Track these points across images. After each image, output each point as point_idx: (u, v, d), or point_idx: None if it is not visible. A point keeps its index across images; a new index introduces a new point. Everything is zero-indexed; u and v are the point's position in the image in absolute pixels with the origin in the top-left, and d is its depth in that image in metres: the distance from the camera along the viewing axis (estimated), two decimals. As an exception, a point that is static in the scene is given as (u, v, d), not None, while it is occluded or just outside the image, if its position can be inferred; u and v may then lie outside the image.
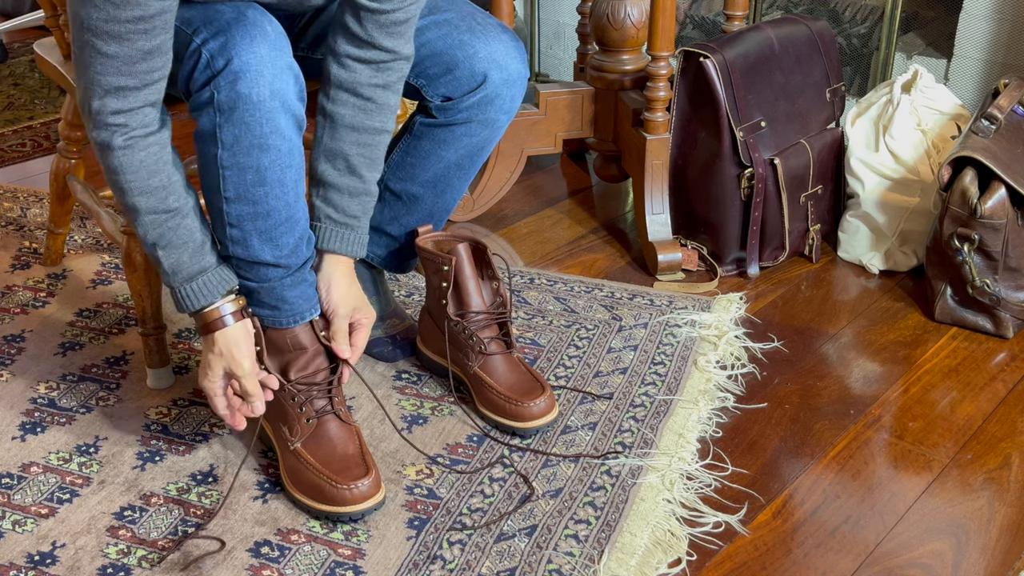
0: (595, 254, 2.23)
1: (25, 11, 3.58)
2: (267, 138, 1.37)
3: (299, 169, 1.44)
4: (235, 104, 1.34)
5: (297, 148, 1.42)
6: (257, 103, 1.35)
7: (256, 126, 1.36)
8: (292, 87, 1.38)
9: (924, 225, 2.09)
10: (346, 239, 1.55)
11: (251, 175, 1.39)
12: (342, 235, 1.54)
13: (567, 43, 3.14)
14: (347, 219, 1.54)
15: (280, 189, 1.42)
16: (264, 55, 1.35)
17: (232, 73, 1.34)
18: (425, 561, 1.39)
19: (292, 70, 1.39)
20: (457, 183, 1.74)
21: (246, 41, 1.34)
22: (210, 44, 1.35)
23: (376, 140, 1.52)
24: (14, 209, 2.36)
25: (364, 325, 1.56)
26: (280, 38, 1.38)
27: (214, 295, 1.43)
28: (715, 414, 1.70)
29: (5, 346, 1.85)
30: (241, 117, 1.35)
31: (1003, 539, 1.46)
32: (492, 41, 1.61)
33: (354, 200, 1.54)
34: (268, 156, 1.39)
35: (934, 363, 1.86)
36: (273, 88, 1.35)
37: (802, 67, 2.16)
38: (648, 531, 1.44)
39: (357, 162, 1.52)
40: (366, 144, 1.52)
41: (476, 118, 1.65)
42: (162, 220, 1.39)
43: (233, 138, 1.37)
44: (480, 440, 1.62)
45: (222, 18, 1.37)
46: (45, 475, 1.55)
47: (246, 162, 1.38)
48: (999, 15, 2.43)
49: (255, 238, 1.43)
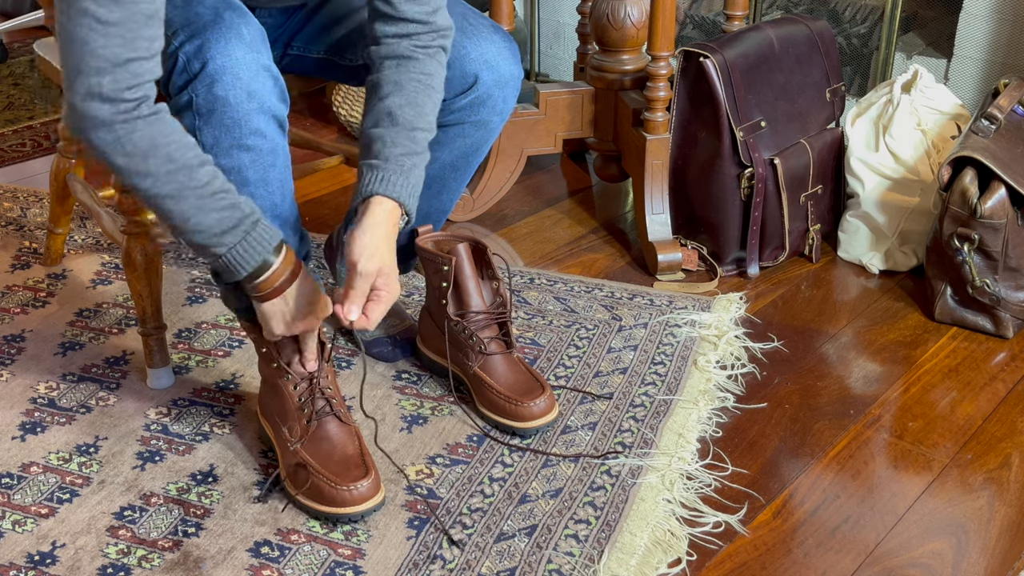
0: (595, 254, 2.23)
1: (25, 11, 3.58)
2: (246, 139, 1.37)
3: (283, 169, 1.44)
4: (213, 107, 1.34)
5: (280, 148, 1.42)
6: (235, 105, 1.35)
7: (235, 128, 1.36)
8: (271, 88, 1.38)
9: (924, 225, 2.09)
10: (386, 180, 1.41)
11: (233, 176, 1.39)
12: (380, 176, 1.41)
13: (567, 43, 3.14)
14: (386, 163, 1.41)
15: (264, 188, 1.42)
16: (239, 57, 1.34)
17: (208, 76, 1.33)
18: (425, 561, 1.39)
19: (270, 72, 1.38)
20: (453, 184, 1.74)
21: (221, 44, 1.33)
22: (186, 47, 1.34)
23: (418, 89, 1.44)
24: (14, 209, 2.36)
25: (383, 299, 1.41)
26: (257, 39, 1.37)
27: (276, 236, 1.36)
28: (715, 414, 1.70)
29: (5, 346, 1.85)
30: (220, 120, 1.35)
31: (1003, 539, 1.46)
32: (483, 42, 1.60)
33: (395, 145, 1.42)
34: (249, 156, 1.39)
35: (934, 363, 1.86)
36: (250, 90, 1.35)
37: (802, 67, 2.16)
38: (648, 531, 1.44)
39: (399, 112, 1.43)
40: (410, 92, 1.44)
41: (468, 119, 1.65)
42: (214, 170, 1.30)
43: (213, 140, 1.36)
44: (480, 440, 1.62)
45: (200, 20, 1.35)
46: (45, 475, 1.55)
47: (227, 164, 1.38)
48: (999, 15, 2.43)
49: None
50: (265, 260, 1.35)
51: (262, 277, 1.36)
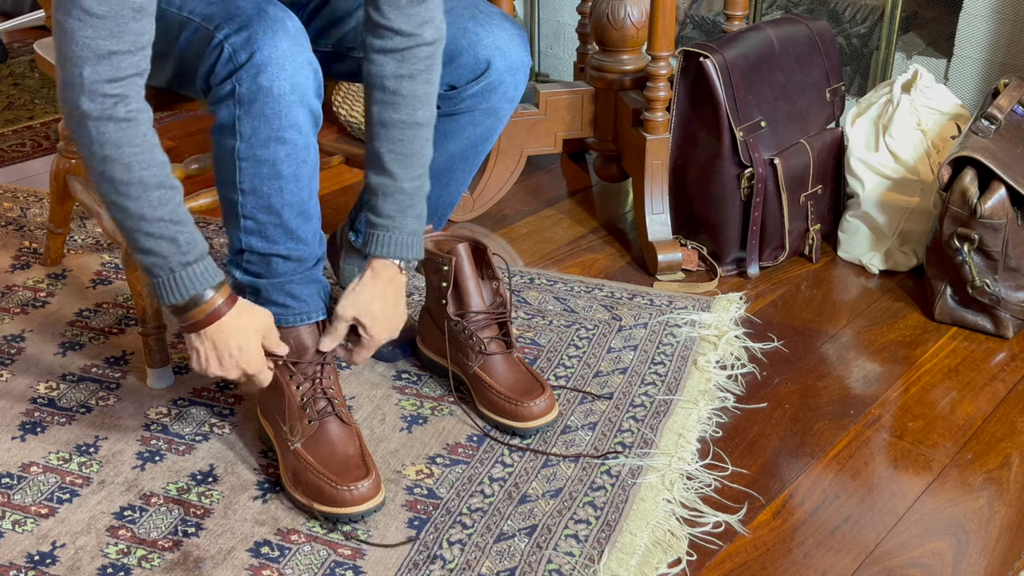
0: (595, 254, 2.23)
1: (25, 11, 3.58)
2: (284, 131, 1.38)
3: (313, 166, 1.45)
4: (255, 96, 1.36)
5: (312, 145, 1.43)
6: (277, 96, 1.36)
7: (275, 119, 1.37)
8: (311, 82, 1.40)
9: (924, 225, 2.09)
10: (378, 240, 1.50)
11: (267, 168, 1.40)
12: (375, 236, 1.50)
13: (567, 43, 3.14)
14: (379, 220, 1.50)
15: (295, 183, 1.43)
16: (286, 49, 1.36)
17: (255, 66, 1.35)
18: (425, 561, 1.39)
19: (312, 65, 1.40)
20: (460, 176, 1.76)
21: (268, 35, 1.36)
22: (233, 39, 1.36)
23: (405, 135, 1.48)
24: (14, 209, 2.36)
25: (364, 344, 1.53)
26: (300, 34, 1.40)
27: (219, 275, 1.39)
28: (715, 414, 1.70)
29: (5, 346, 1.85)
30: (260, 110, 1.37)
31: (1003, 539, 1.46)
32: (495, 28, 1.63)
33: (386, 200, 1.49)
34: (284, 149, 1.40)
35: (934, 363, 1.86)
36: (293, 82, 1.37)
37: (802, 67, 2.17)
38: (648, 531, 1.44)
39: (388, 159, 1.48)
40: (395, 140, 1.48)
41: (480, 106, 1.66)
42: (170, 196, 1.32)
43: (251, 130, 1.38)
44: (480, 440, 1.62)
45: (243, 14, 1.38)
46: (45, 475, 1.55)
47: (263, 155, 1.39)
48: (999, 15, 2.43)
49: (270, 229, 1.44)
50: (193, 297, 1.35)
51: (188, 312, 1.37)
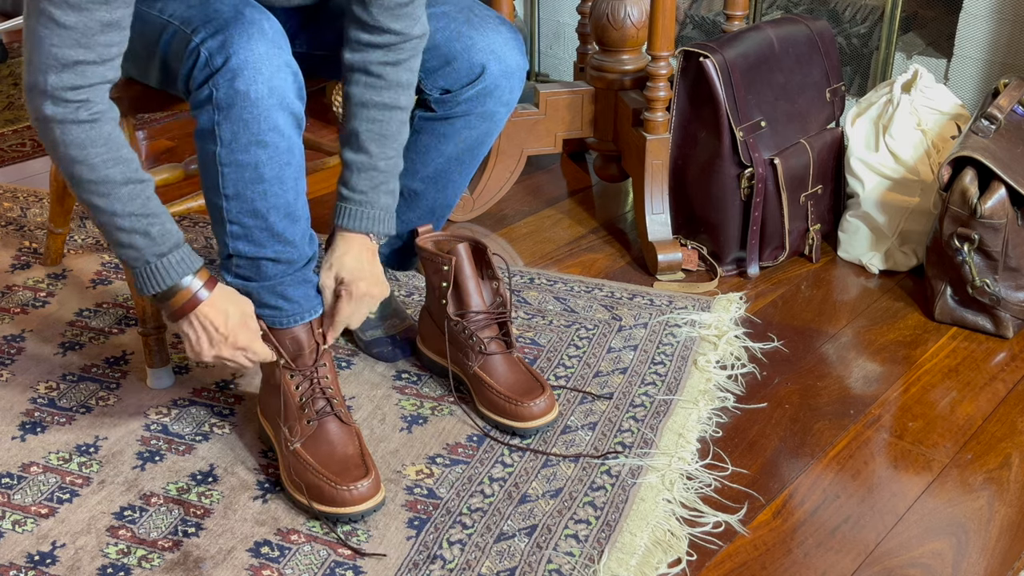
0: (595, 254, 2.23)
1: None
2: (265, 135, 1.38)
3: (298, 167, 1.44)
4: (233, 101, 1.35)
5: (296, 146, 1.42)
6: (255, 100, 1.35)
7: (254, 123, 1.37)
8: (290, 85, 1.39)
9: (924, 225, 2.09)
10: (350, 213, 1.54)
11: (249, 172, 1.39)
12: (347, 210, 1.54)
13: (567, 43, 3.14)
14: (353, 194, 1.54)
15: (279, 186, 1.42)
16: (262, 53, 1.35)
17: (230, 71, 1.34)
18: (425, 561, 1.39)
19: (290, 68, 1.39)
20: (458, 178, 1.75)
21: (244, 39, 1.35)
22: (208, 43, 1.35)
23: (385, 116, 1.51)
24: (14, 209, 2.36)
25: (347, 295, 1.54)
26: (278, 36, 1.39)
27: (197, 261, 1.42)
28: (715, 414, 1.70)
29: (5, 346, 1.85)
30: (239, 114, 1.36)
31: (1003, 539, 1.46)
32: (490, 33, 1.62)
33: (360, 176, 1.53)
34: (266, 152, 1.39)
35: (934, 363, 1.86)
36: (271, 85, 1.36)
37: (802, 67, 2.16)
38: (648, 531, 1.44)
39: (365, 138, 1.51)
40: (375, 120, 1.51)
41: (475, 111, 1.66)
42: (139, 190, 1.35)
43: (231, 135, 1.37)
44: (480, 440, 1.62)
45: (220, 17, 1.37)
46: (45, 475, 1.55)
47: (244, 159, 1.39)
48: (999, 15, 2.43)
49: (257, 233, 1.44)
50: (172, 286, 1.40)
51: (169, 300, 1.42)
